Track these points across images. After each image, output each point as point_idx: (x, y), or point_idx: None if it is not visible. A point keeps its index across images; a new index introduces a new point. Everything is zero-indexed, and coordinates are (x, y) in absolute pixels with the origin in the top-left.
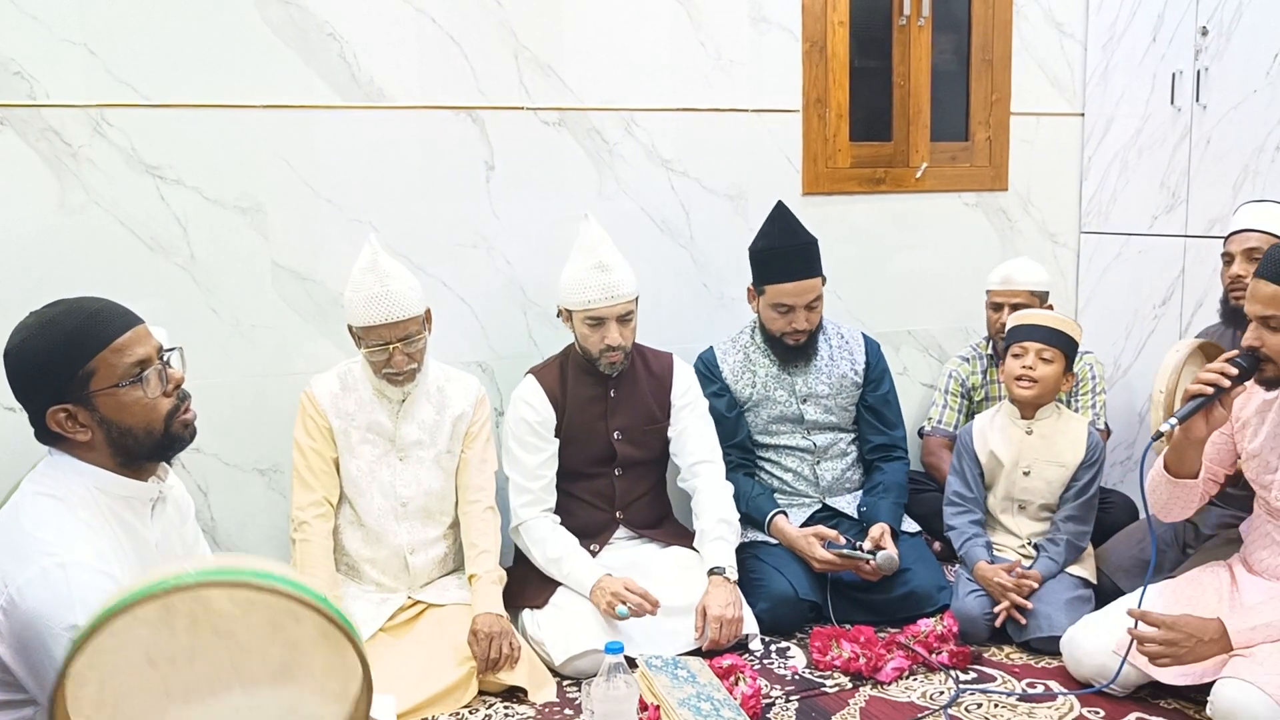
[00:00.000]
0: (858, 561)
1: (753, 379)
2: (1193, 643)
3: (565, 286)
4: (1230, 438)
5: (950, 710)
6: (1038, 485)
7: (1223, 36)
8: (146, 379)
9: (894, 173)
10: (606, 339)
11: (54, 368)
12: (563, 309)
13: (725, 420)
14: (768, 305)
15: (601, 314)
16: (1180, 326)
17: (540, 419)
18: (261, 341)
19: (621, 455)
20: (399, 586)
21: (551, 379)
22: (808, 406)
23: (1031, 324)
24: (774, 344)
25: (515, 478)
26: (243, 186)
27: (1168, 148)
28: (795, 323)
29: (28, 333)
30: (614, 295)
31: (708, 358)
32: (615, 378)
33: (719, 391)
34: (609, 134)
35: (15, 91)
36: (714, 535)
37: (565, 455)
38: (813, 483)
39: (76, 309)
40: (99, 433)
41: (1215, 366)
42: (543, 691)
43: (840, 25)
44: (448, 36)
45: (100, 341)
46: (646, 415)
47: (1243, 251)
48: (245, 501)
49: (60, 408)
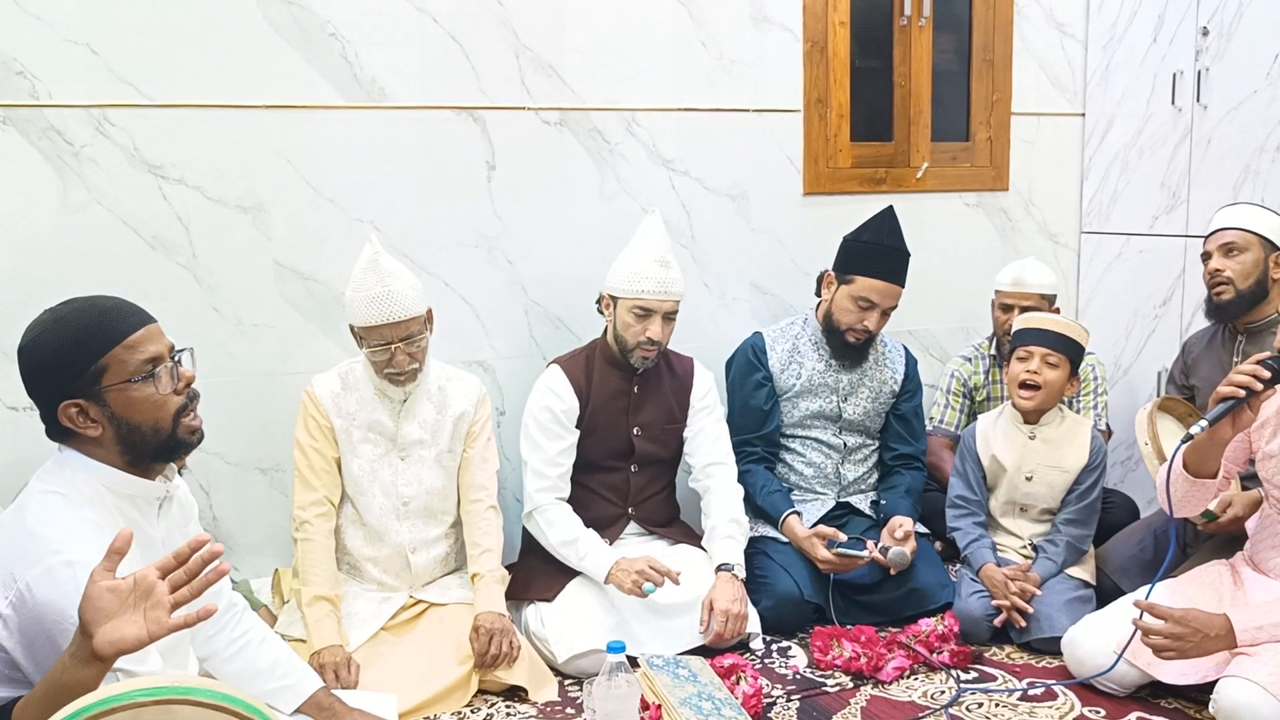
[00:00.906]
0: (857, 561)
1: (799, 370)
2: (1199, 637)
3: (620, 274)
4: (1246, 436)
5: (951, 710)
6: (1040, 490)
7: (1223, 37)
8: (158, 376)
9: (895, 173)
10: (649, 331)
11: (67, 363)
12: (607, 296)
13: (760, 412)
14: (849, 295)
15: (652, 306)
16: (1181, 326)
17: (565, 407)
18: (263, 340)
19: (640, 451)
20: (400, 585)
21: (577, 370)
22: (848, 405)
23: (1038, 328)
24: (831, 337)
25: (534, 463)
26: (245, 186)
27: (1168, 148)
28: (868, 321)
29: (41, 329)
30: (668, 292)
31: (757, 344)
32: (640, 374)
33: (762, 380)
34: (610, 134)
35: (18, 91)
36: (724, 533)
37: (584, 447)
38: (834, 481)
39: (90, 306)
40: (109, 429)
41: (1247, 369)
42: (544, 690)
43: (841, 25)
44: (449, 36)
45: (113, 338)
46: (667, 414)
47: (1218, 247)
48: (246, 500)
49: (72, 403)
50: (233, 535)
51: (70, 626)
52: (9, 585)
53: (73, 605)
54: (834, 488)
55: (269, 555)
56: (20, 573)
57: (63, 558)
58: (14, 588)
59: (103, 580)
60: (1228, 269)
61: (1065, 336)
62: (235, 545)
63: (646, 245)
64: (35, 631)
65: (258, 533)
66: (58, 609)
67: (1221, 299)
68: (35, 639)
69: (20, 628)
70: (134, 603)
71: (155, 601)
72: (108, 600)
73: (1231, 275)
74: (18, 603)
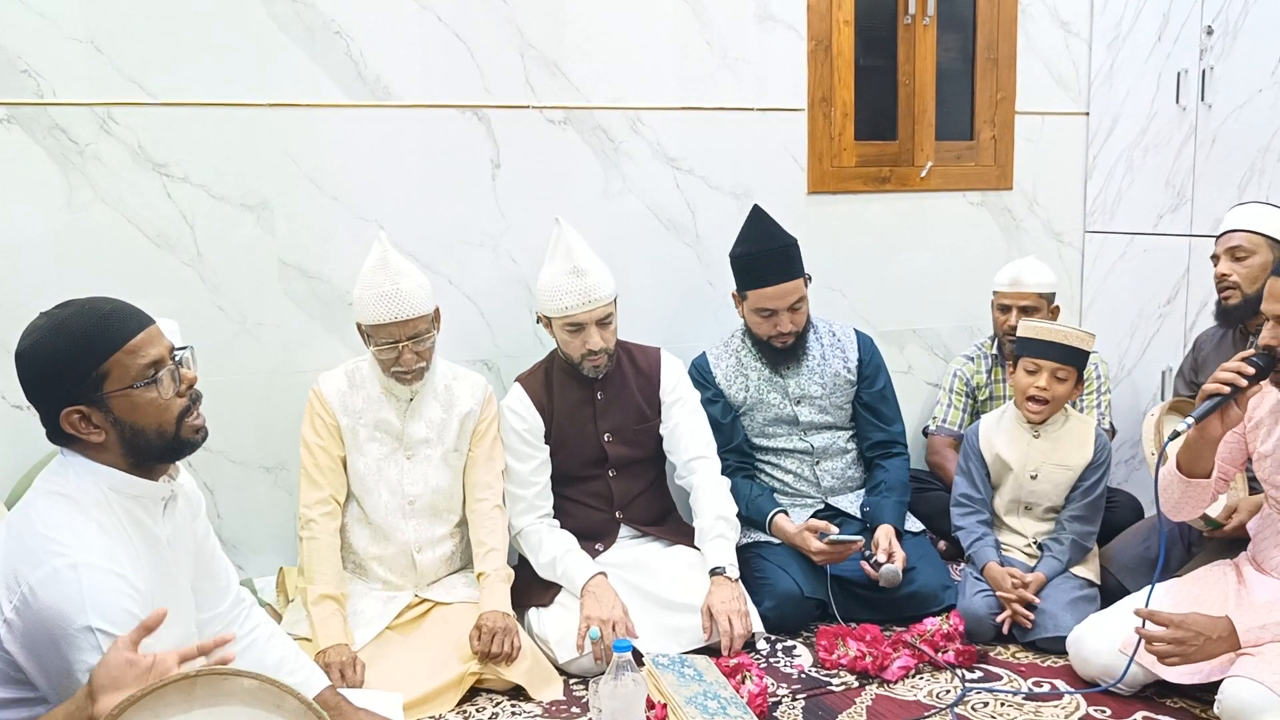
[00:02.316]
0: (850, 547)
1: (745, 383)
2: (1201, 641)
3: (542, 293)
4: (1242, 437)
5: (957, 709)
6: (1045, 488)
7: (1228, 36)
8: (160, 380)
9: (899, 171)
10: (587, 344)
11: (67, 370)
12: (541, 315)
13: (721, 426)
14: (751, 310)
15: (580, 319)
16: (1185, 325)
17: (528, 426)
18: (267, 339)
19: (613, 456)
20: (406, 584)
21: (537, 386)
22: (801, 408)
23: (1046, 341)
24: (763, 348)
25: (509, 486)
26: (249, 184)
27: (1173, 147)
28: (780, 325)
29: (39, 335)
30: (591, 299)
31: (700, 364)
32: (601, 379)
33: (713, 397)
34: (615, 132)
35: (23, 89)
36: (713, 534)
37: (557, 460)
38: (813, 484)
39: (89, 310)
40: (112, 433)
41: (1232, 365)
42: (548, 690)
43: (846, 24)
44: (454, 35)
45: (114, 343)
46: (636, 414)
47: (1226, 251)
48: (251, 499)
49: (74, 409)
50: (237, 533)
51: (74, 631)
52: (13, 588)
53: (77, 608)
54: (816, 490)
55: (273, 554)
56: (25, 575)
57: (67, 560)
58: (18, 591)
59: (126, 652)
60: (1235, 273)
61: (1074, 349)
62: (240, 544)
63: (556, 259)
64: (40, 634)
65: (262, 531)
66: (62, 612)
67: (1229, 303)
68: (39, 642)
69: (24, 630)
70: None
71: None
72: (124, 672)
73: (1239, 280)
74: (21, 606)
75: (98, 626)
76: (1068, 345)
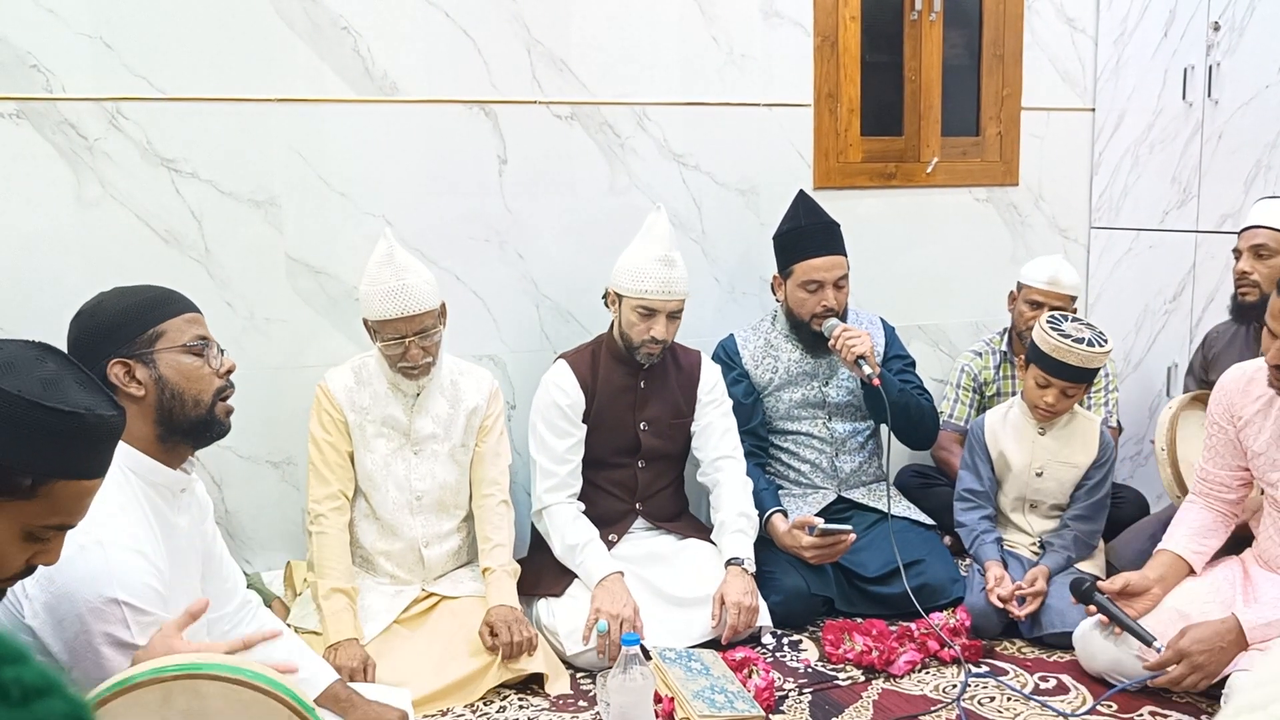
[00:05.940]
0: (843, 539)
1: (774, 364)
2: (1213, 652)
3: (624, 272)
4: (1236, 439)
5: (963, 703)
6: (1050, 486)
7: (1235, 31)
8: (208, 353)
9: (905, 167)
10: (653, 331)
11: (129, 322)
12: (612, 292)
13: (743, 405)
14: (797, 285)
15: (655, 306)
16: (1191, 322)
17: (570, 402)
18: (275, 334)
19: (646, 447)
20: (413, 579)
21: (583, 365)
22: (830, 388)
23: (1062, 362)
24: (799, 329)
25: (542, 461)
26: (257, 180)
27: (1179, 143)
28: (825, 300)
29: (105, 297)
30: (672, 291)
31: (728, 344)
32: (646, 370)
33: (738, 378)
34: (621, 128)
35: (32, 85)
36: (733, 528)
37: (591, 443)
38: (830, 474)
39: (154, 287)
40: (153, 392)
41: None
42: (557, 683)
43: (852, 20)
44: (460, 30)
45: (176, 309)
46: (673, 409)
47: (1249, 248)
48: (259, 494)
49: (120, 360)
50: (245, 528)
51: (100, 605)
52: None
53: (105, 583)
54: (832, 481)
55: (281, 548)
56: None
57: (93, 537)
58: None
59: (173, 637)
60: (1256, 272)
61: (1089, 370)
62: (248, 538)
63: (650, 243)
64: (65, 610)
65: (270, 526)
66: (88, 585)
67: (1247, 300)
68: (65, 618)
69: (48, 606)
70: None
71: None
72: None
73: (1259, 279)
74: (45, 583)
75: (124, 600)
76: (1084, 368)
